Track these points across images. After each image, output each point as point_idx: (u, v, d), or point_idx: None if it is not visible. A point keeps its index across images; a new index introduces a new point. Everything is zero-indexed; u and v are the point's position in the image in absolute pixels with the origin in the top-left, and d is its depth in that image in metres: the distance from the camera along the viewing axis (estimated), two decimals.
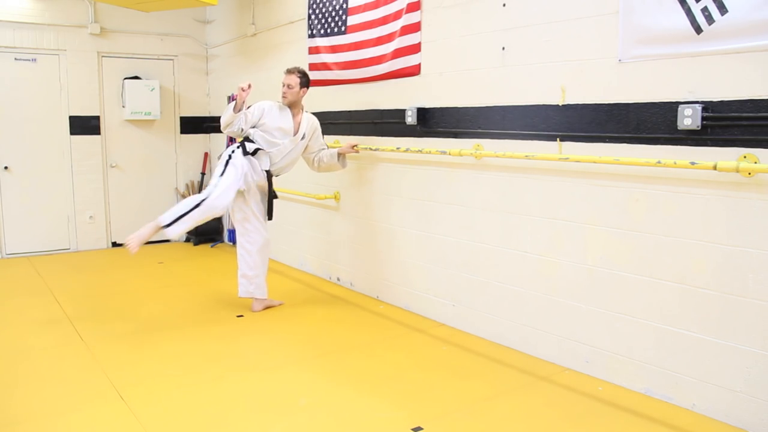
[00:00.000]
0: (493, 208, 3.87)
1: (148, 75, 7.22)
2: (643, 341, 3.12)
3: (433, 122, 4.26)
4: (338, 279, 5.40)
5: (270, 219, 4.60)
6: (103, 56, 6.96)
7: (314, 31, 5.34)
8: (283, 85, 4.48)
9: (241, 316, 4.52)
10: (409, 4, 4.31)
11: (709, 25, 2.72)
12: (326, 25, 5.17)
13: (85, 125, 6.89)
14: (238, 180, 4.32)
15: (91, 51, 6.86)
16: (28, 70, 6.58)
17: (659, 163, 2.91)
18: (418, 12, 4.27)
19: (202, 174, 7.66)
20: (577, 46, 3.31)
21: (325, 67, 5.25)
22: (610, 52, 3.16)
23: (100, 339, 4.03)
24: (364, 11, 4.73)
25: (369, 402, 3.11)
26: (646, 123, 3.02)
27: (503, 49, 3.72)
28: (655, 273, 3.05)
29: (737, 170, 2.64)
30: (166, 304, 4.85)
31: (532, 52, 3.56)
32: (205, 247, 7.24)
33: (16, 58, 6.51)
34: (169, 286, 5.47)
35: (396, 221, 4.67)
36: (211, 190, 4.25)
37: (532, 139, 3.58)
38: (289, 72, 4.49)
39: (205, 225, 7.30)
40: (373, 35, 4.66)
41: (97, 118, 6.96)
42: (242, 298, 4.63)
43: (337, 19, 5.03)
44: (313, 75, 5.30)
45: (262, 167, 4.45)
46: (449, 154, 4.04)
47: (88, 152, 6.93)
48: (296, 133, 4.52)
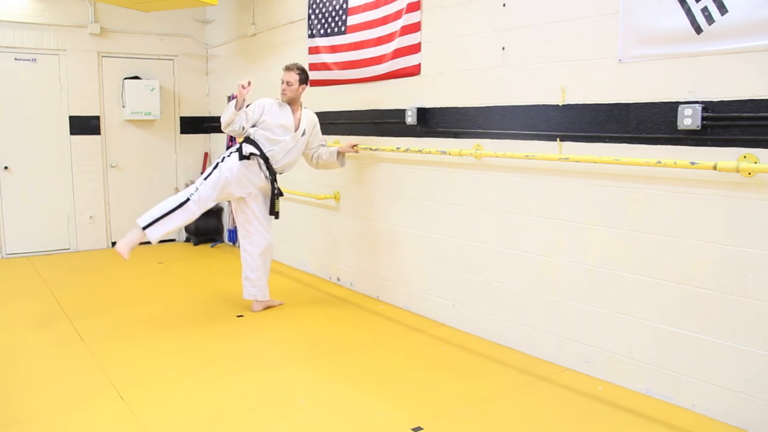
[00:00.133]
0: (493, 208, 3.87)
1: (148, 75, 7.22)
2: (643, 341, 3.12)
3: (433, 122, 4.26)
4: (338, 279, 5.40)
5: (276, 218, 4.59)
6: (103, 56, 6.96)
7: (314, 31, 5.34)
8: (282, 82, 4.47)
9: (241, 316, 4.52)
10: (409, 4, 4.31)
11: (709, 25, 2.72)
12: (326, 25, 5.17)
13: (85, 125, 6.89)
14: (220, 186, 4.36)
15: (91, 51, 6.86)
16: (28, 70, 6.58)
17: (659, 163, 2.91)
18: (418, 12, 4.27)
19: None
20: (577, 46, 3.32)
21: (325, 67, 5.25)
22: (610, 52, 3.16)
23: (100, 339, 4.03)
24: (364, 11, 4.73)
25: (369, 402, 3.11)
26: (646, 123, 3.02)
27: (503, 49, 3.72)
28: (655, 273, 3.05)
29: (737, 170, 2.64)
30: (166, 304, 4.85)
31: (532, 52, 3.56)
32: (205, 247, 7.24)
33: (16, 58, 6.51)
34: (169, 286, 5.47)
35: (396, 221, 4.67)
36: (193, 191, 4.29)
37: (532, 139, 3.58)
38: (288, 69, 4.48)
39: (205, 225, 7.38)
40: (374, 35, 4.66)
41: (97, 118, 6.97)
42: (244, 299, 4.65)
43: (337, 19, 5.03)
44: (313, 75, 5.30)
45: (263, 168, 4.45)
46: (449, 154, 4.04)
47: (88, 152, 6.93)
48: (297, 130, 4.52)
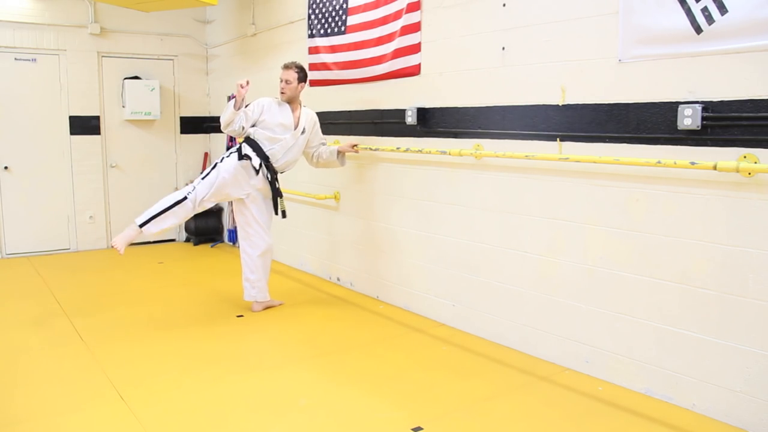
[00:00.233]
0: (493, 208, 3.87)
1: (148, 75, 7.22)
2: (643, 341, 3.12)
3: (433, 122, 4.26)
4: (338, 279, 5.40)
5: (284, 217, 4.58)
6: (103, 56, 6.96)
7: (314, 31, 5.34)
8: (281, 81, 4.47)
9: (241, 316, 4.52)
10: (409, 4, 4.31)
11: (709, 25, 2.72)
12: (326, 25, 5.17)
13: (85, 125, 6.89)
14: (218, 186, 4.35)
15: (91, 51, 6.86)
16: (28, 70, 6.58)
17: (659, 163, 2.91)
18: (418, 12, 4.27)
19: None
20: (577, 46, 3.31)
21: (324, 67, 5.25)
22: (610, 52, 3.16)
23: (100, 339, 4.03)
24: (364, 11, 4.73)
25: (369, 402, 3.11)
26: (646, 123, 3.02)
27: (503, 49, 3.72)
28: (655, 273, 3.05)
29: (737, 170, 2.64)
30: (166, 304, 4.85)
31: (532, 52, 3.56)
32: (205, 247, 7.24)
33: (16, 58, 6.51)
34: (169, 286, 5.47)
35: (396, 221, 4.67)
36: (191, 190, 4.31)
37: (532, 139, 3.58)
38: (287, 67, 4.48)
39: (205, 225, 7.39)
40: (373, 35, 4.66)
41: (97, 118, 6.97)
42: (245, 300, 4.66)
43: (337, 19, 5.03)
44: (313, 75, 5.30)
45: (261, 169, 4.44)
46: (449, 154, 4.04)
47: (88, 152, 6.93)
48: (296, 128, 4.52)
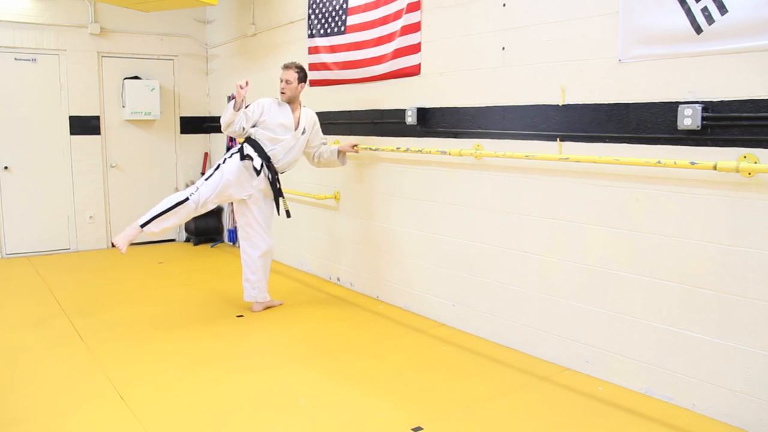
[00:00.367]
0: (493, 208, 3.87)
1: (148, 75, 7.22)
2: (643, 341, 3.12)
3: (433, 122, 4.26)
4: (338, 279, 5.40)
5: (288, 216, 4.58)
6: (103, 56, 6.96)
7: (314, 31, 5.34)
8: (281, 81, 4.47)
9: (241, 316, 4.52)
10: (409, 4, 4.31)
11: (709, 25, 2.72)
12: (326, 25, 5.17)
13: (85, 125, 6.89)
14: (221, 187, 4.34)
15: (91, 51, 6.86)
16: (28, 70, 6.58)
17: (659, 163, 2.91)
18: (418, 12, 4.27)
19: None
20: (577, 46, 3.31)
21: (324, 67, 5.25)
22: (610, 52, 3.16)
23: (100, 339, 4.03)
24: (364, 11, 4.73)
25: (369, 402, 3.11)
26: (646, 123, 3.02)
27: (503, 49, 3.72)
28: (655, 273, 3.05)
29: (737, 170, 2.64)
30: (166, 304, 4.85)
31: (532, 52, 3.56)
32: (205, 247, 7.24)
33: (16, 58, 6.51)
34: (169, 286, 5.47)
35: (396, 221, 4.67)
36: (193, 191, 4.30)
37: (532, 139, 3.58)
38: (287, 67, 4.49)
39: (205, 225, 7.39)
40: (373, 35, 4.66)
41: (97, 118, 6.97)
42: (245, 301, 4.66)
43: (337, 19, 5.03)
44: (313, 75, 5.30)
45: (262, 169, 4.44)
46: (449, 154, 4.04)
47: (88, 152, 6.93)
48: (297, 128, 4.52)
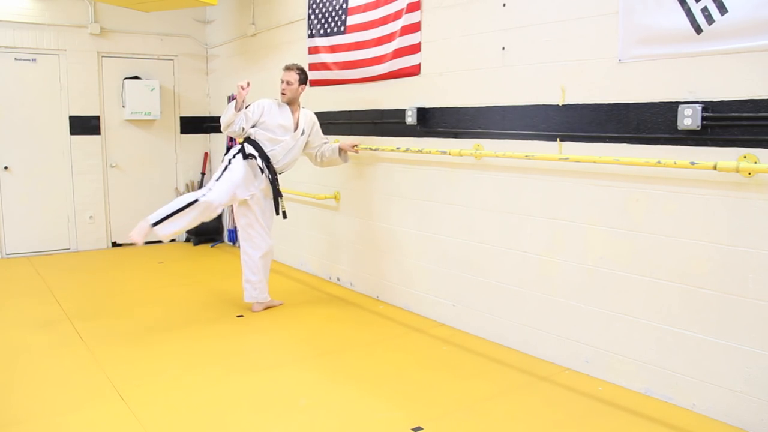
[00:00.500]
0: (493, 208, 3.87)
1: (148, 75, 7.22)
2: (643, 341, 3.12)
3: (433, 122, 4.26)
4: (338, 279, 5.40)
5: (285, 218, 4.58)
6: (103, 56, 6.96)
7: (314, 31, 5.34)
8: (282, 82, 4.48)
9: (241, 316, 4.52)
10: (409, 4, 4.31)
11: (709, 25, 2.72)
12: (326, 25, 5.17)
13: (85, 125, 6.89)
14: (233, 186, 4.32)
15: (91, 51, 6.86)
16: (28, 70, 6.58)
17: (659, 163, 2.91)
18: (418, 12, 4.27)
19: (202, 174, 7.66)
20: (577, 46, 3.31)
21: (324, 67, 5.25)
22: (610, 52, 3.16)
23: (100, 339, 4.03)
24: (364, 11, 4.73)
25: (369, 402, 3.11)
26: (646, 123, 3.02)
27: (503, 49, 3.72)
28: (655, 273, 3.05)
29: (737, 170, 2.64)
30: (166, 304, 4.85)
31: (532, 52, 3.56)
32: (205, 247, 7.24)
33: (16, 58, 6.51)
34: (169, 286, 5.47)
35: (396, 221, 4.67)
36: (205, 192, 4.26)
37: (532, 139, 3.58)
38: (288, 69, 4.49)
39: (205, 225, 7.34)
40: (373, 35, 4.66)
41: (97, 118, 6.97)
42: (245, 302, 4.65)
43: (337, 19, 5.03)
44: (313, 75, 5.30)
45: (264, 169, 4.44)
46: (449, 154, 4.04)
47: (88, 152, 6.93)
48: (296, 130, 4.53)
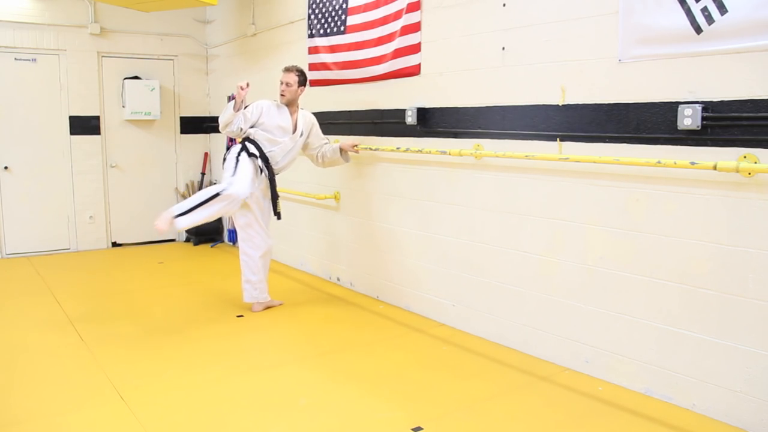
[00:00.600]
0: (493, 208, 3.87)
1: (148, 75, 7.22)
2: (643, 341, 3.12)
3: (433, 122, 4.26)
4: (338, 279, 5.40)
5: (279, 218, 4.58)
6: (103, 56, 6.96)
7: (314, 31, 5.34)
8: (281, 84, 4.49)
9: (241, 316, 4.52)
10: (409, 4, 4.31)
11: (709, 25, 2.72)
12: (326, 25, 5.17)
13: (85, 125, 6.89)
14: (250, 181, 4.31)
15: (91, 51, 6.86)
16: (28, 70, 6.58)
17: (659, 163, 2.91)
18: (418, 12, 4.27)
19: (202, 174, 7.66)
20: (577, 46, 3.31)
21: (324, 67, 5.25)
22: (610, 52, 3.16)
23: (100, 339, 4.03)
24: (364, 11, 4.73)
25: (369, 402, 3.11)
26: (646, 123, 3.02)
27: (503, 49, 3.72)
28: (655, 273, 3.05)
29: (737, 170, 2.64)
30: (166, 304, 4.85)
31: (532, 52, 3.56)
32: (205, 247, 7.24)
33: (16, 58, 6.51)
34: (169, 286, 5.47)
35: (396, 221, 4.67)
36: (226, 186, 4.24)
37: (532, 139, 3.58)
38: (288, 70, 4.50)
39: (205, 225, 7.34)
40: (374, 35, 4.66)
41: (97, 118, 6.97)
42: (245, 302, 4.65)
43: (337, 19, 5.03)
44: (313, 75, 5.30)
45: (264, 169, 4.45)
46: (449, 154, 4.04)
47: (88, 152, 6.93)
48: (295, 131, 4.54)
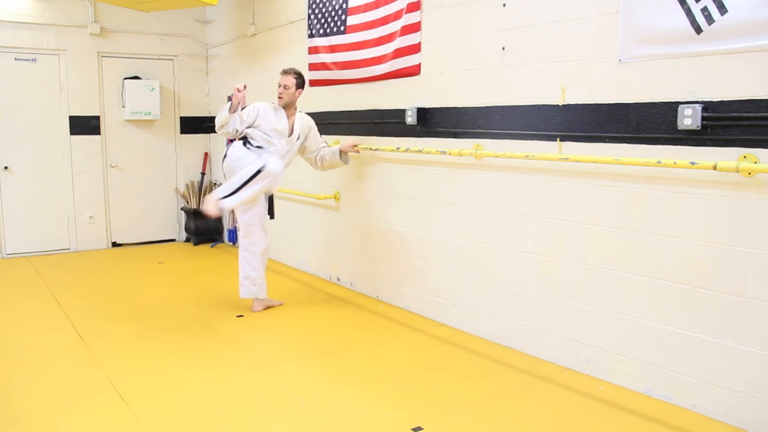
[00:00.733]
0: (493, 208, 3.87)
1: (148, 75, 7.22)
2: (643, 341, 3.12)
3: (433, 122, 4.26)
4: (338, 279, 5.40)
5: (272, 218, 4.60)
6: (103, 56, 6.96)
7: (314, 31, 5.34)
8: (279, 86, 4.49)
9: (241, 316, 4.52)
10: (409, 4, 4.31)
11: (709, 25, 2.72)
12: (326, 25, 5.17)
13: (85, 125, 6.89)
14: (276, 154, 4.37)
15: (91, 51, 6.86)
16: (28, 70, 6.58)
17: (659, 163, 2.91)
18: (418, 12, 4.27)
19: (202, 174, 7.66)
20: (577, 46, 3.31)
21: (324, 67, 5.25)
22: (610, 52, 3.16)
23: (100, 339, 4.03)
24: (365, 11, 4.73)
25: (369, 402, 3.11)
26: (646, 123, 3.02)
27: (503, 49, 3.72)
28: (655, 273, 3.05)
29: (737, 170, 2.64)
30: (166, 304, 4.85)
31: (532, 52, 3.56)
32: (205, 247, 7.24)
33: (16, 58, 6.50)
34: (169, 286, 5.47)
35: (396, 221, 4.67)
36: (264, 163, 4.22)
37: (532, 139, 3.58)
38: (286, 73, 4.50)
39: (205, 225, 7.39)
40: (374, 35, 4.66)
41: (97, 118, 6.96)
42: (243, 299, 4.65)
43: (337, 19, 5.03)
44: (313, 75, 5.31)
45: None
46: (449, 154, 4.04)
47: (88, 152, 6.93)
48: (291, 134, 4.54)
